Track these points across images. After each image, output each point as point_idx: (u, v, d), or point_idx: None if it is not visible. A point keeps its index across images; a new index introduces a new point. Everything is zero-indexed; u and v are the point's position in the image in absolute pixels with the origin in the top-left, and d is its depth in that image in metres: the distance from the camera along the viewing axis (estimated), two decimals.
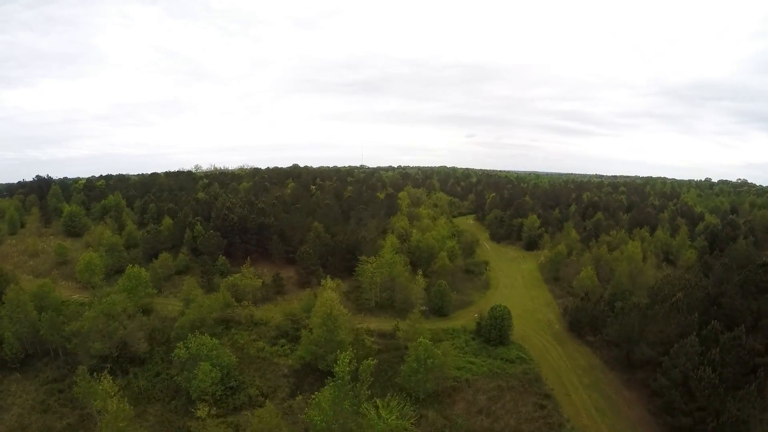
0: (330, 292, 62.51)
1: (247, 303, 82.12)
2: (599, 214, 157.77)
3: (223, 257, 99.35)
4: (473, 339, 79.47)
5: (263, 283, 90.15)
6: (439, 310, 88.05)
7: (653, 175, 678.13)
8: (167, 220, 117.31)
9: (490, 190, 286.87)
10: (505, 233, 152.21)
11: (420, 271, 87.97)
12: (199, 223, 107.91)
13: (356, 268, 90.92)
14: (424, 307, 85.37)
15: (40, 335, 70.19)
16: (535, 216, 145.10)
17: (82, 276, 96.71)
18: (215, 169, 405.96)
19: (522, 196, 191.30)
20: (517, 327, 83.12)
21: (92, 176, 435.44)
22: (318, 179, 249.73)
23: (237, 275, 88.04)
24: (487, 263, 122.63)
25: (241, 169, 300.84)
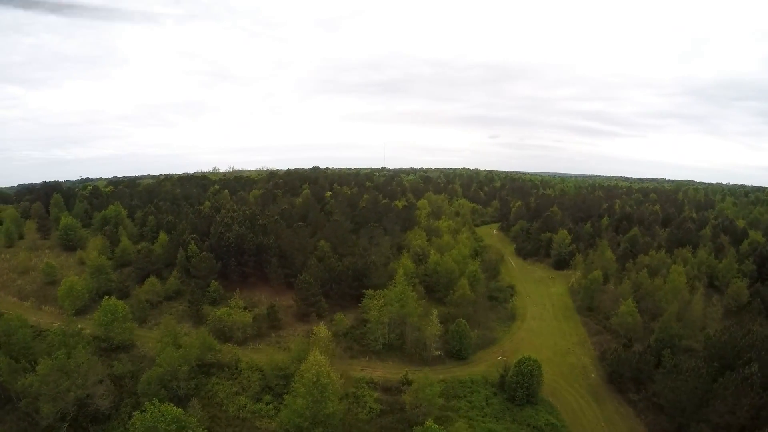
0: (319, 355, 49.79)
1: (231, 347, 70.54)
2: (635, 230, 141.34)
3: (216, 282, 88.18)
4: (495, 395, 66.05)
5: (254, 318, 78.41)
6: (456, 353, 74.78)
7: (678, 178, 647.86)
8: (162, 237, 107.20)
9: (515, 195, 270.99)
10: (533, 249, 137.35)
11: (435, 312, 74.54)
12: (193, 241, 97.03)
13: (362, 301, 78.51)
14: (438, 352, 72.43)
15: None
16: (565, 231, 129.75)
17: (63, 302, 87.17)
18: (233, 171, 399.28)
19: (549, 206, 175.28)
20: (547, 376, 69.49)
21: (114, 176, 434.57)
22: (335, 184, 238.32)
23: (224, 309, 76.51)
24: (512, 288, 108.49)
25: (258, 172, 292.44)
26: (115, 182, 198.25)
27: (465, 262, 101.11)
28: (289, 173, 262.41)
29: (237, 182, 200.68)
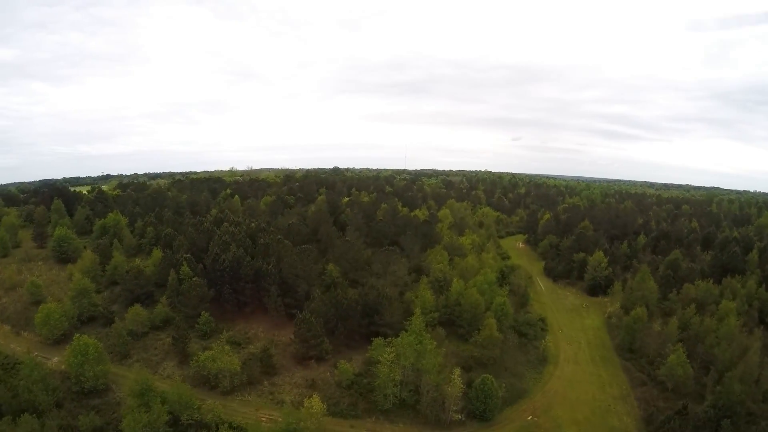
0: None
1: (212, 403, 58.88)
2: (676, 252, 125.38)
3: (207, 314, 76.86)
4: None
5: (245, 362, 66.60)
6: (480, 414, 61.80)
7: (705, 184, 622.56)
8: (156, 254, 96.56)
9: (540, 203, 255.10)
10: (564, 270, 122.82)
11: (458, 372, 61.50)
12: (186, 262, 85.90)
13: (372, 343, 66.21)
14: (460, 416, 59.57)
15: None
16: (601, 253, 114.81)
17: (41, 330, 77.38)
18: (250, 170, 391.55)
19: (580, 219, 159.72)
20: None
21: (134, 174, 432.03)
22: (354, 188, 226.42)
23: (209, 353, 64.84)
24: (543, 321, 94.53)
25: (276, 174, 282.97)
26: (123, 185, 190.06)
27: (491, 291, 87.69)
28: (307, 176, 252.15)
29: (250, 186, 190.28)
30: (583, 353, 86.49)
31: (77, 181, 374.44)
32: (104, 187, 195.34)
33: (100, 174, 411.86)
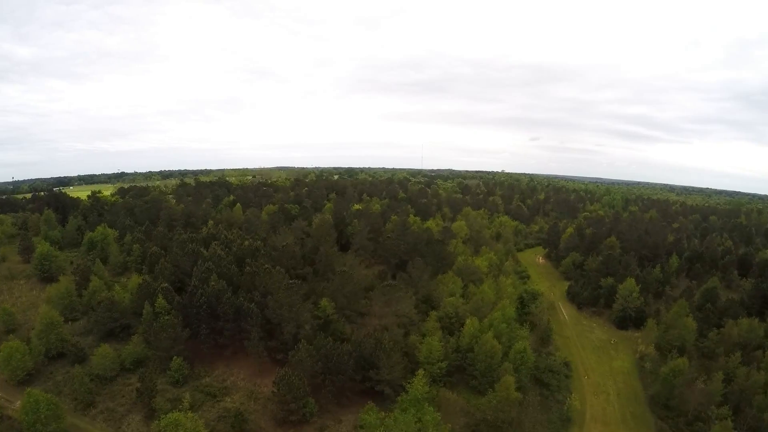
0: None
1: None
2: (714, 280, 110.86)
3: (179, 359, 66.43)
4: None
5: (213, 431, 55.92)
6: None
7: (726, 188, 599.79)
8: (134, 281, 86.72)
9: (560, 210, 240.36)
10: (590, 297, 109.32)
11: None
12: (162, 293, 75.52)
13: (361, 411, 54.82)
14: None
15: None
16: (632, 280, 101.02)
17: (3, 369, 68.05)
18: (262, 170, 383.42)
19: (605, 235, 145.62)
20: None
21: (149, 171, 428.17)
22: (365, 194, 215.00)
23: (172, 416, 54.07)
24: (567, 366, 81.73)
25: (289, 173, 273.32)
26: (123, 190, 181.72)
27: (510, 332, 75.42)
28: (321, 176, 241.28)
29: (255, 193, 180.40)
30: (613, 408, 73.61)
31: (91, 179, 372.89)
32: (105, 191, 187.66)
33: (116, 171, 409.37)
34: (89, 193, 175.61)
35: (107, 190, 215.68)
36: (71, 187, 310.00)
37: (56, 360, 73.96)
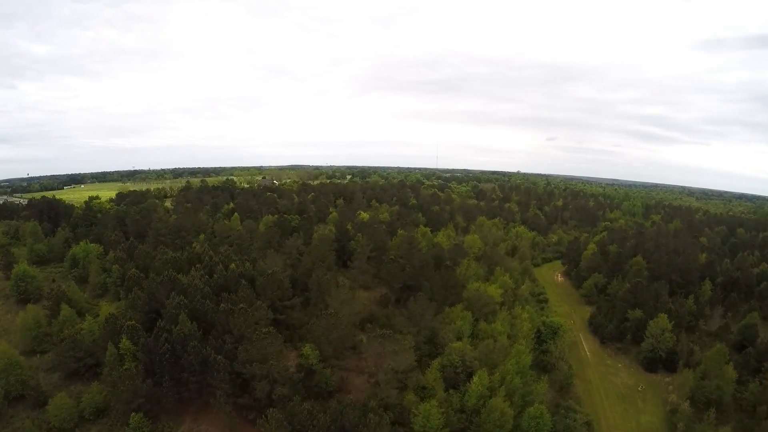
0: None
1: None
2: (754, 316, 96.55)
3: (138, 416, 56.20)
4: None
5: None
6: None
7: (746, 191, 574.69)
8: (105, 310, 77.18)
9: (579, 218, 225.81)
10: (615, 330, 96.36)
11: None
12: (127, 333, 65.50)
13: None
14: None
15: None
16: (664, 317, 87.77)
17: None
18: (272, 170, 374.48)
19: (630, 252, 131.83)
20: None
21: (162, 169, 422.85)
22: (374, 200, 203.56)
23: None
24: (589, 426, 69.27)
25: (294, 181, 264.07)
26: (121, 195, 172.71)
27: (525, 388, 63.52)
28: (324, 185, 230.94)
29: (257, 199, 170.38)
30: None
31: (104, 176, 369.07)
32: (110, 193, 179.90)
33: (131, 168, 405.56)
34: (87, 198, 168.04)
35: (112, 192, 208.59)
36: (82, 186, 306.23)
37: (17, 402, 65.14)
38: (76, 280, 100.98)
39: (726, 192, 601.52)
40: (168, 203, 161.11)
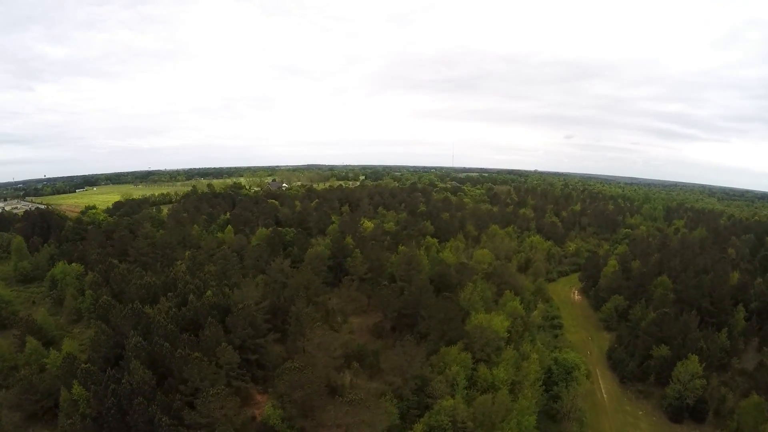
0: None
1: None
2: None
3: None
4: None
5: None
6: None
7: (766, 189, 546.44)
8: (67, 346, 69.61)
9: (598, 224, 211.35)
10: (637, 369, 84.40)
11: None
12: (80, 379, 57.62)
13: None
14: None
15: None
16: (695, 359, 75.49)
17: None
18: (283, 172, 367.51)
19: (654, 271, 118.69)
20: None
21: (175, 169, 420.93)
22: (381, 207, 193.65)
23: None
24: None
25: (302, 185, 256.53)
26: (118, 204, 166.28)
27: None
28: (329, 191, 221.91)
29: (257, 207, 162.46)
30: None
31: (118, 178, 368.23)
32: (106, 201, 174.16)
33: (146, 169, 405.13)
34: (93, 204, 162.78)
35: (118, 196, 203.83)
36: (94, 189, 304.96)
37: None
38: (55, 303, 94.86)
39: (748, 191, 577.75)
40: (165, 211, 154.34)
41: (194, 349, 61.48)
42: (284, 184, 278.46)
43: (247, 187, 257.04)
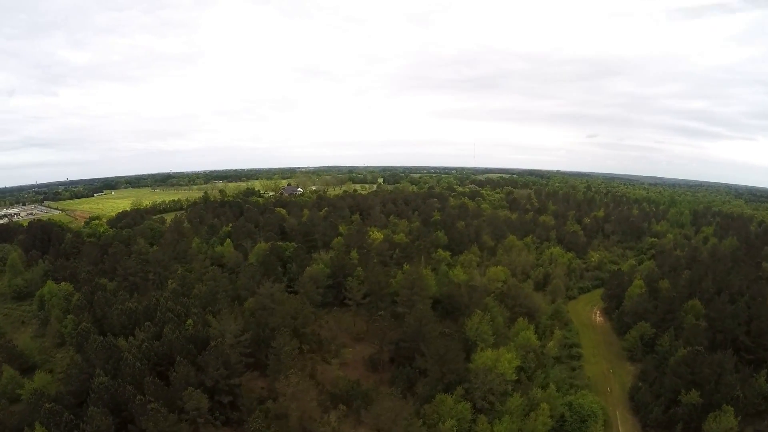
0: None
1: None
2: None
3: None
4: None
5: None
6: None
7: None
8: (38, 379, 64.92)
9: (622, 231, 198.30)
10: (663, 416, 74.35)
11: None
12: (43, 420, 52.58)
13: None
14: None
15: None
16: (731, 411, 65.21)
17: None
18: (301, 175, 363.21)
19: (685, 295, 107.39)
20: None
21: (193, 172, 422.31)
22: (392, 215, 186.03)
23: None
24: None
25: (314, 191, 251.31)
26: (122, 215, 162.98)
27: None
28: (340, 198, 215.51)
29: (265, 216, 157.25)
30: None
31: (137, 181, 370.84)
32: (117, 207, 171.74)
33: (166, 171, 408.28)
34: (110, 209, 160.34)
35: (128, 202, 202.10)
36: (113, 192, 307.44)
37: None
38: (42, 323, 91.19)
39: None
40: (169, 222, 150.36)
41: (160, 393, 55.68)
42: (299, 189, 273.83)
43: (262, 191, 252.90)
